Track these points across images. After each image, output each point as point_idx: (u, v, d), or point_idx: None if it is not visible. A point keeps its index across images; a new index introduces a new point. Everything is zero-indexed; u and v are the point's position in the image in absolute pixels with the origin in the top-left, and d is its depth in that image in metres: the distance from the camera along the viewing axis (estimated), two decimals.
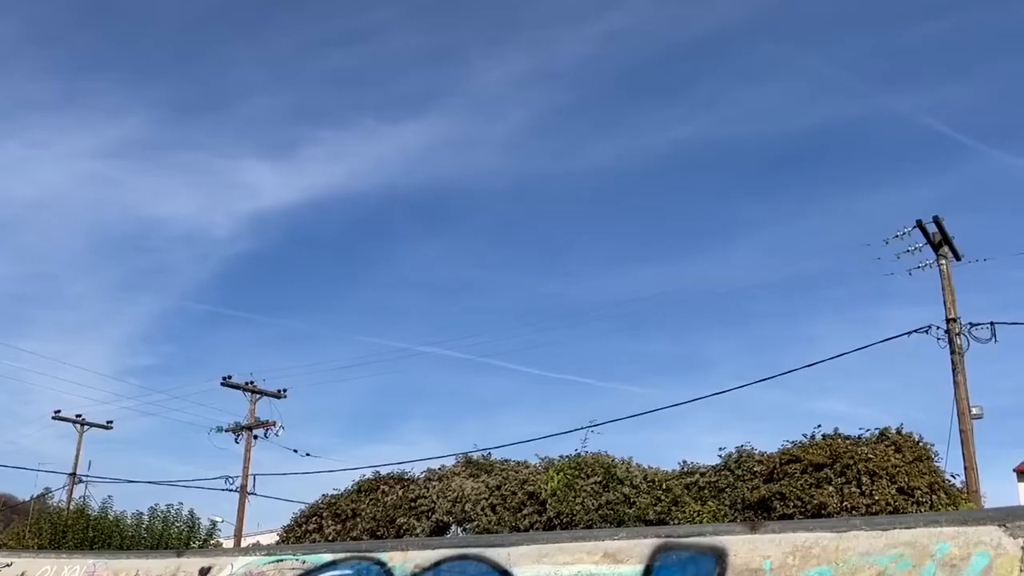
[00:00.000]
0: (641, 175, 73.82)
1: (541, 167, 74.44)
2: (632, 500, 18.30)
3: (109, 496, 33.29)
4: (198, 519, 28.58)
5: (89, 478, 41.53)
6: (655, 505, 18.12)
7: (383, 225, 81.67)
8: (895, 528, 4.02)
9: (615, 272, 73.16)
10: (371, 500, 21.98)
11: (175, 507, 28.33)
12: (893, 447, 17.48)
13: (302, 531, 22.92)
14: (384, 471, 23.29)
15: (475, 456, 22.14)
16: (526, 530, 18.10)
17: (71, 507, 33.41)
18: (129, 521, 28.10)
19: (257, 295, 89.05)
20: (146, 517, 28.02)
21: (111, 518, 28.05)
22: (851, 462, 16.98)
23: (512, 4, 76.45)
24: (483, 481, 20.26)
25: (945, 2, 68.50)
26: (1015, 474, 37.80)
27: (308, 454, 39.13)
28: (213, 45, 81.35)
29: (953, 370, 22.05)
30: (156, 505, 28.34)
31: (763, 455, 18.32)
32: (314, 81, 73.99)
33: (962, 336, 22.18)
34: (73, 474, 42.26)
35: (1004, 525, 3.86)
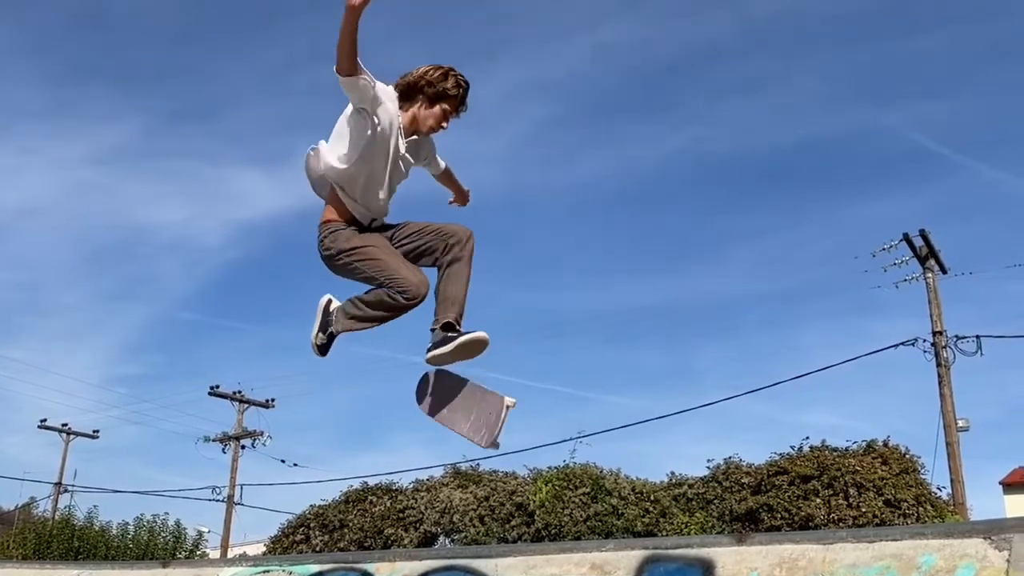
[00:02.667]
0: (631, 187, 74.03)
1: (532, 179, 74.61)
2: (620, 511, 18.30)
3: (95, 506, 33.30)
4: (184, 529, 28.50)
5: (75, 488, 41.26)
6: (643, 516, 18.13)
7: None
8: (881, 540, 4.05)
9: (604, 283, 73.28)
10: (359, 511, 21.90)
11: (161, 517, 28.24)
12: (880, 459, 17.55)
13: (289, 542, 22.83)
14: (372, 482, 23.22)
15: (463, 467, 22.09)
16: (514, 541, 18.09)
17: (56, 517, 33.24)
18: (115, 531, 27.97)
19: (246, 304, 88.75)
20: (132, 527, 27.89)
21: (96, 528, 27.89)
22: (838, 474, 17.05)
23: (503, 18, 76.77)
24: (471, 492, 20.23)
25: (931, 18, 69.11)
26: (1001, 486, 37.93)
27: (296, 464, 39.06)
28: (206, 54, 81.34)
29: (939, 383, 22.14)
30: (142, 515, 28.25)
31: (751, 467, 18.37)
32: (306, 92, 74.09)
33: (948, 349, 22.29)
34: (58, 484, 41.96)
35: (990, 537, 3.88)
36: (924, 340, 22.55)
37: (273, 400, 38.22)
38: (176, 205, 78.51)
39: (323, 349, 5.31)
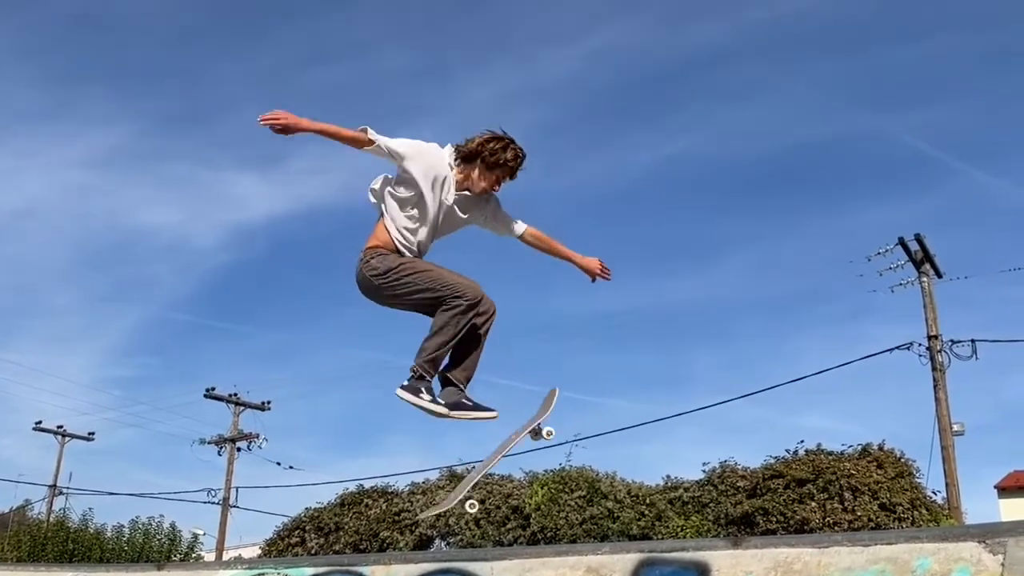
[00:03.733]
0: (626, 192, 73.93)
1: (527, 183, 74.10)
2: (616, 515, 18.29)
3: (90, 508, 33.07)
4: (179, 532, 28.38)
5: (70, 490, 41.15)
6: (639, 520, 18.12)
7: None
8: (876, 544, 4.05)
9: (601, 287, 73.13)
10: (354, 514, 21.88)
11: (156, 520, 28.12)
12: (875, 463, 17.55)
13: (284, 544, 22.79)
14: (368, 484, 23.20)
15: (459, 470, 22.07)
16: (510, 544, 18.08)
17: (51, 520, 33.16)
18: (110, 534, 27.86)
19: (242, 306, 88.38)
20: (127, 530, 27.79)
21: (91, 531, 27.80)
22: (833, 478, 17.04)
23: (498, 22, 76.72)
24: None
25: (927, 24, 69.17)
26: (996, 491, 37.96)
27: (292, 467, 38.89)
28: (202, 58, 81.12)
29: (935, 387, 22.16)
30: (137, 518, 28.11)
31: (746, 470, 18.36)
32: (302, 95, 73.82)
33: (943, 353, 22.30)
34: (53, 486, 41.85)
35: (984, 541, 3.89)
36: (919, 344, 22.58)
37: (269, 402, 38.17)
38: (172, 208, 78.32)
39: (454, 407, 5.53)
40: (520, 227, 5.89)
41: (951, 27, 67.79)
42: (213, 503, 36.25)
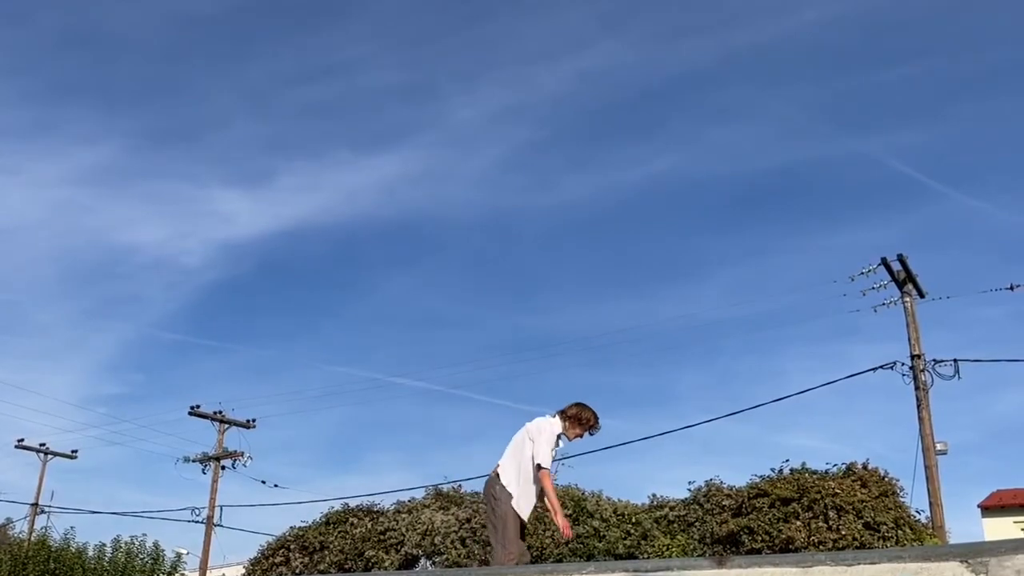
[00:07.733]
0: (613, 210, 74.07)
1: (515, 201, 74.57)
2: (602, 534, 18.28)
3: (71, 527, 32.85)
4: (163, 551, 28.24)
5: (52, 508, 40.77)
6: (625, 539, 18.11)
7: (356, 256, 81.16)
8: (859, 563, 4.08)
9: (587, 305, 73.32)
10: (339, 532, 21.77)
11: (139, 539, 27.97)
12: (859, 482, 17.61)
13: (269, 564, 22.65)
14: (353, 503, 23.09)
15: (445, 488, 22.02)
16: None
17: (32, 538, 32.85)
18: (92, 553, 27.68)
19: (228, 324, 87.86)
20: (109, 549, 27.62)
21: (73, 550, 27.61)
22: (818, 497, 17.09)
23: (486, 42, 77.02)
24: (453, 514, 20.16)
25: (909, 49, 69.86)
26: (979, 510, 38.10)
27: (276, 485, 38.60)
28: (189, 75, 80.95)
29: (918, 406, 22.25)
30: (120, 537, 27.96)
31: (731, 489, 18.39)
32: (290, 113, 73.77)
33: (926, 372, 22.39)
34: (35, 504, 41.47)
35: (966, 561, 3.93)
36: (902, 364, 22.65)
37: (254, 420, 37.97)
38: (157, 225, 77.98)
39: None
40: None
41: (933, 51, 68.58)
42: (197, 522, 35.97)
